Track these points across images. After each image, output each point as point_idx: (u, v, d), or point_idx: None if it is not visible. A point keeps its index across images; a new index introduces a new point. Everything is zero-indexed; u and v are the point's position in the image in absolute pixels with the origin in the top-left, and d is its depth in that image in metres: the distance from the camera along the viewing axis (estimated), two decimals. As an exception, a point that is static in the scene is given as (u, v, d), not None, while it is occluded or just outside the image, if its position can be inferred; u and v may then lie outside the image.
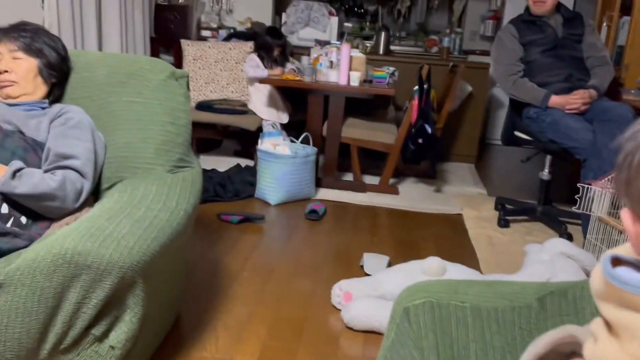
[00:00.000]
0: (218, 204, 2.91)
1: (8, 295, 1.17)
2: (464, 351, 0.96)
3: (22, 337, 1.18)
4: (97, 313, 1.22)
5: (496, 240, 2.68)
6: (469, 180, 3.79)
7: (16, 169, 1.37)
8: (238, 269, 2.18)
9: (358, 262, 2.32)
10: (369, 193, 3.29)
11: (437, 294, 1.02)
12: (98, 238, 1.21)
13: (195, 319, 1.78)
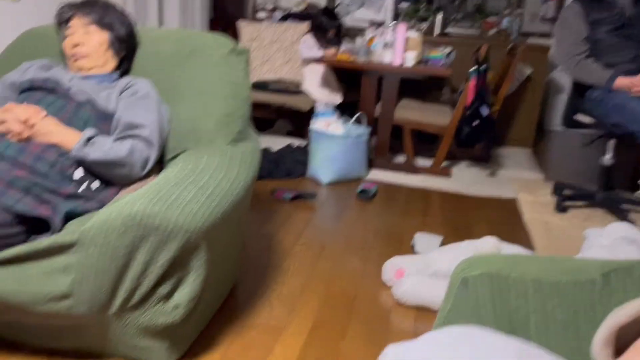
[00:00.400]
0: (271, 181, 2.97)
1: (82, 253, 1.25)
2: (523, 322, 0.96)
3: (95, 293, 1.26)
4: (163, 273, 1.28)
5: (553, 225, 2.61)
6: (525, 165, 3.69)
7: (89, 136, 1.44)
8: (291, 244, 2.23)
9: (409, 242, 2.32)
10: (421, 175, 3.26)
11: (496, 266, 1.01)
12: (165, 202, 1.27)
13: (251, 289, 1.83)
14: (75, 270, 1.25)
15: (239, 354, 1.48)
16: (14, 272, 1.25)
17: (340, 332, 1.63)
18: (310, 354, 1.50)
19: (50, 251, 1.25)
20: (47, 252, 1.25)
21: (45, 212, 1.30)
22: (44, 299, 1.25)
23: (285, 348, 1.52)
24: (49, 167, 1.38)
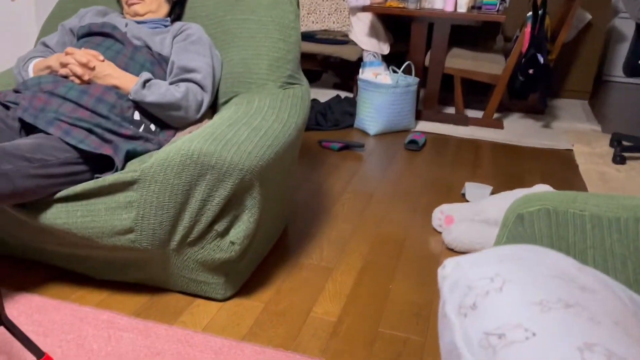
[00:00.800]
0: (319, 132, 2.97)
1: (143, 189, 1.30)
2: (581, 257, 0.95)
3: (156, 228, 1.32)
4: (220, 211, 1.33)
5: (610, 176, 2.52)
6: (581, 116, 3.55)
7: (146, 79, 1.48)
8: (339, 191, 2.25)
9: (459, 192, 2.30)
10: (472, 127, 3.19)
11: (554, 202, 1.00)
12: (221, 142, 1.30)
13: (301, 232, 1.88)
14: (137, 206, 1.31)
15: (292, 291, 1.53)
16: (83, 207, 1.32)
17: (389, 275, 1.65)
18: (360, 293, 1.54)
19: (115, 188, 1.31)
20: (111, 189, 1.31)
21: (108, 151, 1.36)
22: (110, 233, 1.32)
23: (336, 286, 1.56)
24: (109, 109, 1.43)
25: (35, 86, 1.45)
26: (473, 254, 0.60)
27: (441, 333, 0.57)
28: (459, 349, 0.51)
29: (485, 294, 0.52)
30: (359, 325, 1.41)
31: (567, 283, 0.54)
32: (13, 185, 1.20)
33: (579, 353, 0.44)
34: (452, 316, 0.54)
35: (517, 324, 0.48)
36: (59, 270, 1.56)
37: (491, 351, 0.48)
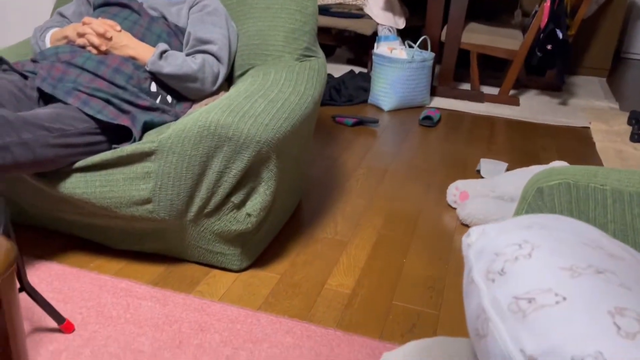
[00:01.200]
0: (333, 107, 2.96)
1: (161, 160, 1.31)
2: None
3: (173, 199, 1.33)
4: (236, 183, 1.34)
5: (627, 154, 2.49)
6: (599, 94, 3.49)
7: (163, 50, 1.48)
8: (353, 167, 2.25)
9: (473, 168, 2.29)
10: (487, 103, 3.16)
11: (574, 176, 0.99)
12: (238, 114, 1.30)
13: (316, 206, 1.88)
14: (155, 176, 1.32)
15: (306, 263, 1.54)
16: (101, 177, 1.33)
17: (403, 249, 1.66)
18: (374, 266, 1.55)
19: (133, 158, 1.32)
20: (129, 159, 1.32)
21: (126, 122, 1.37)
22: (128, 203, 1.33)
23: (350, 259, 1.58)
24: (126, 80, 1.43)
25: (52, 56, 1.46)
26: (498, 223, 0.60)
27: (467, 299, 0.57)
28: (487, 313, 0.51)
29: (514, 260, 0.52)
30: (373, 297, 1.42)
31: (595, 250, 0.54)
32: (33, 155, 1.21)
33: (610, 317, 0.44)
34: (479, 281, 0.54)
35: (547, 289, 0.48)
36: (78, 240, 1.58)
37: (521, 315, 0.48)
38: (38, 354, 1.16)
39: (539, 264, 0.50)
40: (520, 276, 0.50)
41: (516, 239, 0.54)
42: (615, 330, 0.43)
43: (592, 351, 0.42)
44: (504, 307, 0.49)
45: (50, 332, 1.22)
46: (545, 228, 0.55)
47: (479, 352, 0.53)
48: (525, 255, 0.52)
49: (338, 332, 1.28)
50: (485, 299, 0.52)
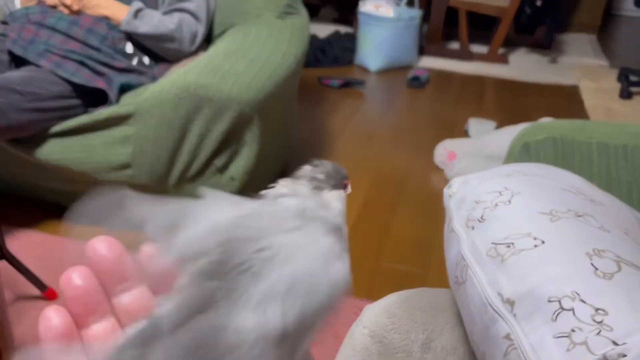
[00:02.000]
0: (318, 69, 2.90)
1: (140, 124, 1.27)
2: (586, 185, 0.93)
3: (154, 164, 1.30)
4: (218, 146, 1.31)
5: (616, 112, 2.48)
6: (588, 51, 3.45)
7: (137, 9, 1.42)
8: (340, 129, 2.22)
9: (462, 128, 2.26)
10: (476, 63, 3.11)
11: (561, 131, 0.97)
12: (217, 74, 1.26)
13: (301, 169, 1.86)
14: (134, 140, 1.28)
15: (292, 227, 1.53)
16: (79, 142, 1.30)
17: (390, 210, 1.65)
18: (362, 229, 1.54)
19: (110, 122, 1.28)
20: (107, 123, 1.28)
21: (101, 84, 1.32)
22: (107, 168, 1.30)
23: (337, 222, 1.56)
24: (100, 41, 1.37)
25: (23, 17, 1.39)
26: (480, 172, 0.58)
27: (448, 248, 0.56)
28: (466, 260, 0.50)
29: (493, 207, 0.51)
30: (361, 259, 1.41)
31: (576, 195, 0.52)
32: (6, 120, 1.17)
33: (588, 258, 0.43)
34: (459, 229, 0.53)
35: (526, 233, 0.47)
36: (60, 208, 1.55)
37: (499, 260, 0.47)
38: (21, 322, 1.15)
39: (518, 210, 0.49)
40: (500, 222, 0.49)
41: (497, 186, 0.52)
42: (592, 270, 0.42)
43: (568, 291, 0.42)
44: (483, 253, 0.48)
45: (33, 300, 1.21)
46: (527, 175, 0.54)
47: (458, 299, 0.52)
48: (505, 201, 0.50)
49: (325, 294, 1.27)
50: (465, 246, 0.51)
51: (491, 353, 0.45)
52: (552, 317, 0.41)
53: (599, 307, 0.40)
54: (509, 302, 0.44)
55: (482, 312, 0.46)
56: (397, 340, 0.55)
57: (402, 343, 0.54)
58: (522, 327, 0.42)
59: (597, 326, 0.39)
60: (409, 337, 0.55)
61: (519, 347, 0.42)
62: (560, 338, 0.40)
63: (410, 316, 0.56)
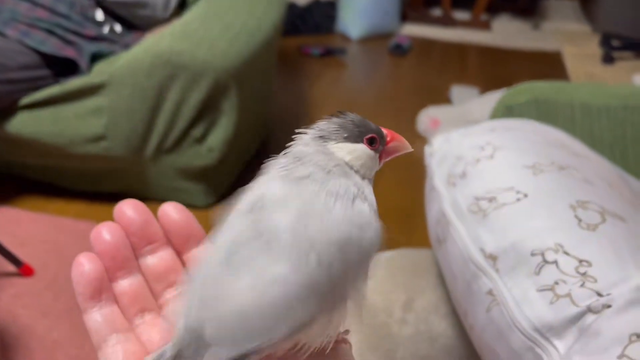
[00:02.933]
0: (298, 37, 2.84)
1: (113, 94, 1.23)
2: (569, 146, 0.92)
3: (129, 135, 1.27)
4: (195, 115, 1.27)
5: (598, 77, 2.48)
6: (571, 16, 3.43)
7: (106, -27, 1.36)
8: (322, 98, 2.18)
9: (445, 95, 2.24)
10: (459, 29, 3.07)
11: (542, 92, 0.96)
12: (192, 40, 1.21)
13: (282, 140, 1.81)
14: (107, 111, 1.24)
15: (274, 197, 1.51)
16: (50, 114, 1.25)
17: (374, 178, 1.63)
18: (344, 197, 1.53)
19: (82, 93, 1.23)
20: (79, 94, 1.24)
21: (71, 53, 1.27)
22: (81, 141, 1.26)
23: (319, 191, 1.55)
24: (68, 8, 1.32)
25: (-16, -16, 1.33)
26: (463, 128, 0.57)
27: (428, 207, 0.54)
28: (447, 217, 0.48)
29: (475, 162, 0.49)
30: (343, 227, 1.40)
31: (560, 149, 0.51)
32: (-30, 92, 1.12)
33: (572, 210, 0.42)
34: (440, 187, 0.52)
35: (508, 187, 0.46)
36: (34, 183, 1.51)
37: (481, 215, 0.45)
38: (-3, 299, 1.12)
39: (500, 164, 0.48)
40: (482, 177, 0.48)
41: (479, 141, 0.51)
42: (576, 222, 0.41)
43: (551, 244, 0.41)
44: (464, 208, 0.47)
45: (10, 277, 1.18)
46: (510, 130, 0.52)
47: (439, 258, 0.51)
48: (487, 156, 0.49)
49: (308, 263, 1.26)
50: (446, 203, 0.50)
51: (473, 311, 0.44)
52: (535, 271, 0.40)
53: (583, 258, 0.39)
54: (491, 257, 0.43)
55: (463, 269, 0.45)
56: (378, 302, 0.54)
57: (382, 304, 0.54)
58: (505, 282, 0.41)
59: (580, 278, 0.38)
60: (389, 298, 0.54)
61: (502, 303, 0.41)
62: (544, 291, 0.39)
63: (390, 277, 0.55)
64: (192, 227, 0.31)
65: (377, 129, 0.30)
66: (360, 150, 0.29)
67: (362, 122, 0.30)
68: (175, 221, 0.30)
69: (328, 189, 0.26)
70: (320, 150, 0.29)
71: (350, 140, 0.29)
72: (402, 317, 0.53)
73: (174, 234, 0.30)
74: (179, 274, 0.30)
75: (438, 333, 0.53)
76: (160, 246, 0.30)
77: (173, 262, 0.30)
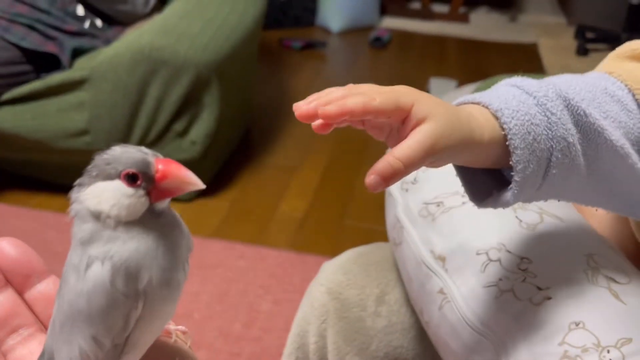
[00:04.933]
0: (278, 30, 2.85)
1: (94, 89, 1.24)
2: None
3: (112, 130, 1.28)
4: (177, 110, 1.29)
5: (573, 68, 2.52)
6: (547, 9, 3.49)
7: (86, -32, 1.36)
8: (302, 91, 2.20)
9: (424, 88, 2.28)
10: (437, 22, 3.11)
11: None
12: (173, 35, 1.23)
13: (264, 132, 1.85)
14: (89, 106, 1.25)
15: (257, 189, 1.53)
16: (31, 109, 1.26)
17: (354, 171, 1.67)
18: (325, 189, 1.56)
19: (64, 87, 1.24)
20: (60, 89, 1.24)
21: (52, 49, 1.27)
22: (63, 135, 1.27)
23: (301, 184, 1.57)
24: (49, 3, 1.32)
25: (-38, -21, 1.32)
26: None
27: (386, 211, 0.58)
28: (401, 221, 0.52)
29: (425, 168, 0.53)
30: (325, 219, 1.43)
31: None
32: (-49, 88, 1.12)
33: (512, 212, 0.46)
34: (395, 192, 0.55)
35: (454, 191, 0.49)
36: (15, 177, 1.51)
37: (430, 219, 0.49)
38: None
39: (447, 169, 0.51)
40: (430, 183, 0.51)
41: None
42: (517, 223, 0.45)
43: (495, 243, 0.44)
44: (415, 213, 0.50)
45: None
46: None
47: (397, 260, 0.55)
48: None
49: (291, 254, 1.29)
50: (399, 208, 0.53)
51: (428, 309, 0.47)
52: (481, 269, 0.43)
53: (524, 256, 0.43)
54: (441, 258, 0.47)
55: (417, 270, 0.49)
56: (353, 296, 0.57)
57: (357, 298, 0.57)
58: (454, 281, 0.45)
59: (522, 274, 0.42)
60: (364, 292, 0.57)
61: (452, 300, 0.44)
62: (489, 287, 0.42)
63: (365, 271, 0.58)
64: (31, 263, 0.29)
65: (139, 164, 0.26)
66: (111, 190, 0.25)
67: (120, 157, 0.26)
68: (13, 259, 0.28)
69: (71, 262, 0.27)
70: (74, 207, 0.27)
71: (101, 179, 0.26)
72: (375, 310, 0.56)
73: (12, 272, 0.28)
74: (22, 317, 0.29)
75: (410, 324, 0.56)
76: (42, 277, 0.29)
77: (14, 305, 0.28)
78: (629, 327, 0.38)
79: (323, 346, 0.58)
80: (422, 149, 0.32)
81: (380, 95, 0.32)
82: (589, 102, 0.37)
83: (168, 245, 0.27)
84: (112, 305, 0.26)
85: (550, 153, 0.34)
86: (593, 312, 0.39)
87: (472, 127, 0.34)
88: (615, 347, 0.37)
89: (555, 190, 0.36)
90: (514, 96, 0.35)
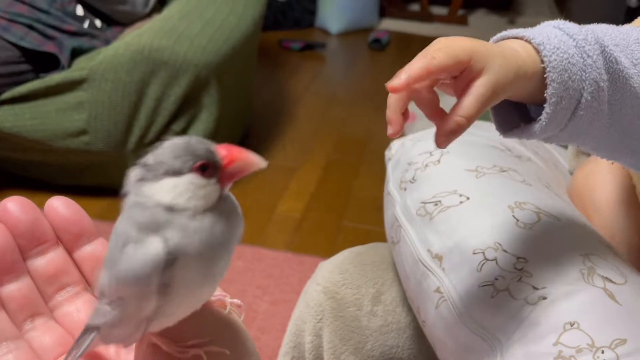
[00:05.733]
0: (278, 32, 2.86)
1: (94, 89, 1.24)
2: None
3: (111, 129, 1.28)
4: (176, 110, 1.29)
5: (570, 71, 2.54)
6: (546, 12, 3.51)
7: (86, -31, 1.36)
8: (301, 92, 2.21)
9: (422, 89, 2.29)
10: (436, 24, 3.12)
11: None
12: (172, 36, 1.23)
13: (263, 133, 1.85)
14: (88, 106, 1.26)
15: (256, 190, 1.54)
16: (30, 109, 1.26)
17: (353, 172, 1.67)
18: (324, 190, 1.56)
19: (63, 87, 1.24)
20: (59, 89, 1.25)
21: (52, 48, 1.28)
22: (62, 135, 1.27)
23: (300, 184, 1.58)
24: (49, 3, 1.32)
25: (-38, -22, 1.32)
26: (417, 133, 0.60)
27: (385, 210, 0.58)
28: (399, 220, 0.52)
29: (424, 167, 0.53)
30: (323, 219, 1.44)
31: (503, 152, 0.55)
32: (-50, 87, 1.12)
33: (510, 211, 0.46)
34: (393, 191, 0.55)
35: (452, 191, 0.49)
36: (14, 177, 1.51)
37: (428, 218, 0.49)
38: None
39: (445, 169, 0.51)
40: (429, 182, 0.51)
41: (428, 147, 0.54)
42: (513, 222, 0.45)
43: (491, 243, 0.44)
44: (413, 212, 0.51)
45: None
46: None
47: (395, 258, 0.55)
48: (434, 161, 0.52)
49: (288, 254, 1.30)
50: (398, 207, 0.53)
51: (424, 307, 0.48)
52: (477, 268, 0.44)
53: (520, 255, 0.43)
54: (438, 257, 0.47)
55: (414, 269, 0.49)
56: (349, 295, 0.57)
57: (353, 298, 0.57)
58: (451, 280, 0.45)
59: (518, 273, 0.42)
60: (359, 292, 0.57)
61: (449, 299, 0.45)
62: (485, 286, 0.43)
63: (361, 271, 0.58)
64: (82, 223, 0.29)
65: (207, 154, 0.26)
66: (184, 184, 0.25)
67: (187, 149, 0.26)
68: (65, 217, 0.29)
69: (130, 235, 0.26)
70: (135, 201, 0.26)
71: (170, 174, 0.26)
72: (370, 310, 0.56)
73: (64, 231, 0.29)
74: (70, 275, 0.29)
75: (405, 324, 0.57)
76: (50, 247, 0.29)
77: (64, 263, 0.29)
78: (624, 328, 0.39)
79: (319, 345, 0.58)
80: (483, 103, 0.35)
81: (438, 52, 0.36)
82: (622, 49, 0.39)
83: (229, 227, 0.27)
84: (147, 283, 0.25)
85: (581, 94, 0.36)
86: (588, 313, 0.39)
87: (518, 64, 0.36)
88: (609, 347, 0.38)
89: (577, 133, 0.38)
90: (555, 35, 0.37)
